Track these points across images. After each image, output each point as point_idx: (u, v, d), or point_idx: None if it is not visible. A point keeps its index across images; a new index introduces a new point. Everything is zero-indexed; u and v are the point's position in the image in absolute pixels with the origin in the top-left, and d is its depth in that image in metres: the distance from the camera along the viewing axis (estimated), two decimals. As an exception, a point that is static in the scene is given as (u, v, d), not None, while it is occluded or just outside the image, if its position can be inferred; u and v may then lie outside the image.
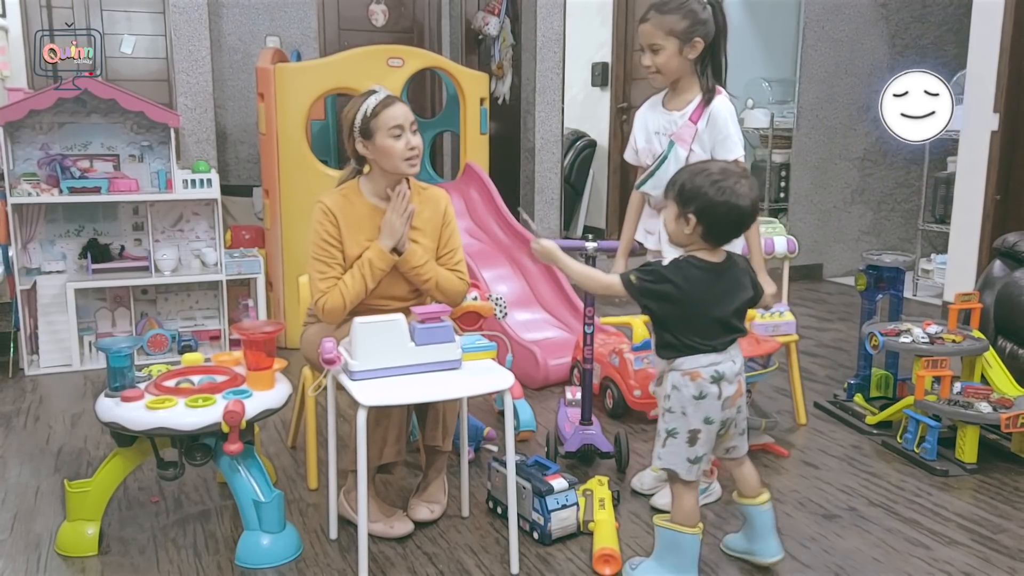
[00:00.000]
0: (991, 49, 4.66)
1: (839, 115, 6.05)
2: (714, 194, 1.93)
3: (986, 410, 2.78)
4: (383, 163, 2.44)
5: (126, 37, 5.19)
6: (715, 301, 2.01)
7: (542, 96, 5.39)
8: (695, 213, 1.95)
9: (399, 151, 2.40)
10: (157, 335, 4.03)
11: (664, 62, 2.34)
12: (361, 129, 2.41)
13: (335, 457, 2.32)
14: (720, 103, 2.37)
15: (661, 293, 1.97)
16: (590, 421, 2.83)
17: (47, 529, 2.42)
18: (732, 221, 1.97)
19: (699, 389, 2.00)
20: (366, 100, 2.42)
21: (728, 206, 1.93)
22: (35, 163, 3.94)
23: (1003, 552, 2.33)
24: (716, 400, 2.01)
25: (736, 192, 1.93)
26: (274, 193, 4.16)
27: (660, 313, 2.01)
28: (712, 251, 2.02)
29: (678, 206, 1.99)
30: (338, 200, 2.48)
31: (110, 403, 2.24)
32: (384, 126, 2.38)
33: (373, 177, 2.50)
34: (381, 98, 2.42)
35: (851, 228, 6.27)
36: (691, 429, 2.02)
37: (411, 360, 2.14)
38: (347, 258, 2.46)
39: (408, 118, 2.41)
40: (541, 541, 2.33)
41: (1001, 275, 3.43)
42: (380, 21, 6.28)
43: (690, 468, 2.04)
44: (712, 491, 2.58)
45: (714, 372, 2.00)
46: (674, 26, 2.30)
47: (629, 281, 2.01)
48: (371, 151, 2.43)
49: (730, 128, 2.36)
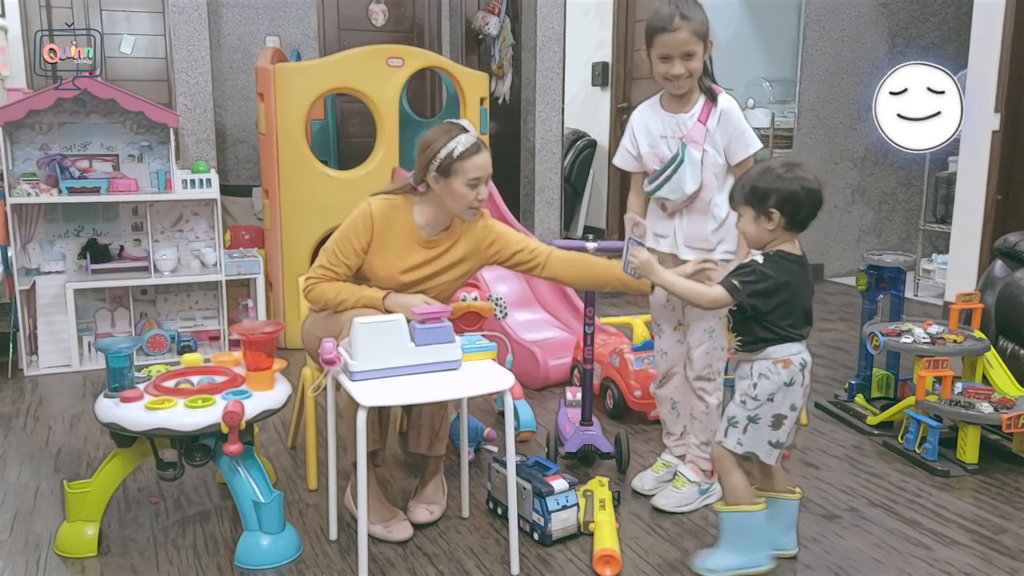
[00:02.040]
0: (992, 48, 4.65)
1: (840, 115, 6.04)
2: (789, 184, 2.04)
3: (987, 410, 2.78)
4: (448, 203, 2.40)
5: (126, 37, 5.19)
6: (805, 292, 2.12)
7: (542, 96, 5.39)
8: (776, 206, 2.04)
9: (469, 200, 2.38)
10: (156, 335, 4.03)
11: (697, 65, 2.33)
12: (441, 167, 2.35)
13: (335, 457, 2.31)
14: (728, 100, 2.39)
15: (766, 290, 2.06)
16: (590, 421, 2.83)
17: (47, 530, 2.42)
18: (811, 204, 2.06)
19: (790, 376, 2.10)
20: (456, 138, 2.35)
21: (805, 191, 2.04)
22: (34, 163, 3.94)
23: (1004, 552, 2.32)
24: (801, 387, 2.12)
25: (806, 178, 2.05)
26: (274, 193, 4.15)
27: (764, 308, 2.07)
28: (793, 244, 2.11)
29: (755, 207, 2.08)
30: (386, 209, 2.43)
31: (109, 404, 2.24)
32: (465, 173, 2.34)
33: (428, 204, 2.45)
34: (471, 143, 2.36)
35: (852, 228, 6.27)
36: (776, 414, 2.11)
37: (411, 360, 2.13)
38: (366, 264, 2.44)
39: (488, 171, 2.39)
40: (541, 542, 2.33)
41: (1002, 275, 3.43)
42: (380, 21, 6.28)
43: (771, 452, 2.14)
44: (716, 491, 2.58)
45: (802, 360, 2.11)
46: (700, 28, 2.30)
47: (735, 287, 2.08)
48: (441, 188, 2.39)
49: (744, 123, 2.38)
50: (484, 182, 2.39)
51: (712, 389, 2.51)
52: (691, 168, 2.36)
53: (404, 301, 2.34)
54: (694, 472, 2.56)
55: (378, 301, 2.37)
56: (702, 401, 2.52)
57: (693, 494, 2.54)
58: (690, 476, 2.55)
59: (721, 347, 2.48)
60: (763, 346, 2.10)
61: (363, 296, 2.38)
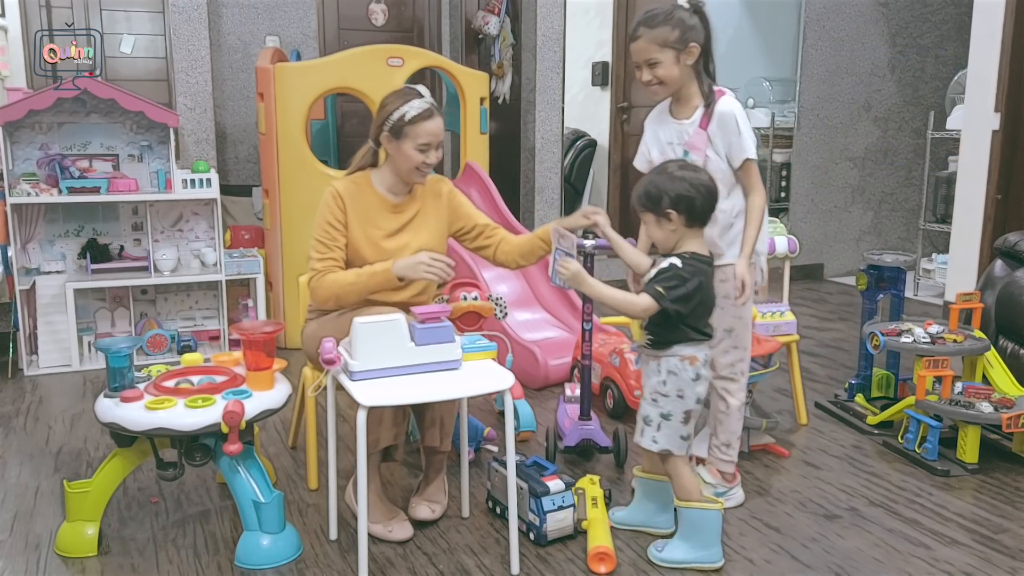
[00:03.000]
0: (992, 48, 4.65)
1: (840, 114, 6.04)
2: (680, 183, 2.13)
3: (987, 410, 2.78)
4: (398, 164, 2.49)
5: (126, 37, 5.19)
6: (711, 292, 2.21)
7: (542, 96, 5.39)
8: (672, 206, 2.12)
9: (416, 162, 2.45)
10: (156, 335, 4.03)
11: (665, 73, 2.33)
12: (393, 128, 2.44)
13: (335, 457, 2.31)
14: (726, 103, 2.36)
15: (687, 295, 2.11)
16: (589, 417, 2.84)
17: (47, 529, 2.42)
18: (705, 199, 2.14)
19: (696, 372, 2.17)
20: (409, 103, 2.43)
21: (695, 186, 2.13)
22: (34, 163, 3.94)
23: (1004, 552, 2.32)
24: (705, 382, 2.21)
25: (697, 174, 2.16)
26: (274, 193, 4.15)
27: (685, 312, 2.12)
28: (701, 243, 2.19)
29: (654, 212, 2.16)
30: (349, 187, 2.52)
31: (109, 403, 2.24)
32: (416, 137, 2.42)
33: (385, 171, 2.55)
34: (424, 108, 2.43)
35: (852, 228, 6.27)
36: (686, 410, 2.19)
37: (411, 360, 2.13)
38: (350, 243, 2.49)
39: (439, 137, 2.46)
40: (537, 542, 2.33)
41: (1002, 275, 3.43)
42: (380, 21, 6.27)
43: (682, 445, 2.21)
44: (734, 496, 2.56)
45: (705, 355, 2.19)
46: (667, 37, 2.30)
47: (660, 294, 2.11)
48: (393, 150, 2.48)
49: (740, 127, 2.35)
50: (435, 147, 2.46)
51: (736, 389, 2.51)
52: None
53: (408, 262, 2.39)
54: (712, 474, 2.55)
55: (387, 271, 2.41)
56: (723, 401, 2.52)
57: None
58: (707, 478, 2.54)
59: (743, 346, 2.48)
60: (671, 344, 2.16)
61: (373, 272, 2.42)
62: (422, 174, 2.50)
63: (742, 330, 2.47)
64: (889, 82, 6.15)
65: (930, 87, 6.24)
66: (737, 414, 2.51)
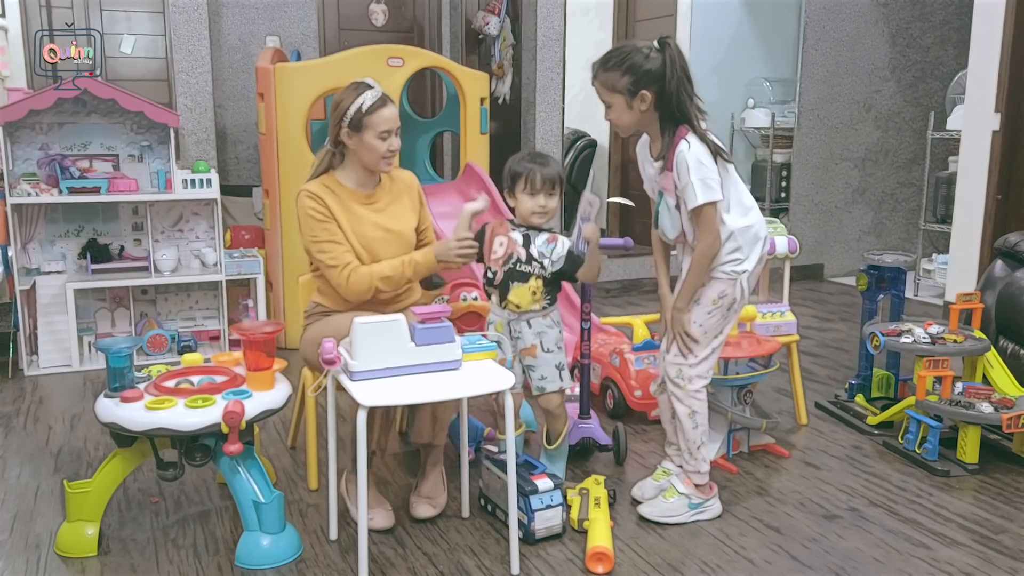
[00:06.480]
0: (992, 49, 4.65)
1: (840, 115, 6.04)
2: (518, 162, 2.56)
3: (987, 410, 2.78)
4: (363, 157, 2.52)
5: (126, 37, 5.19)
6: None
7: (542, 96, 5.38)
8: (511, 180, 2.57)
9: (381, 151, 2.50)
10: (157, 335, 4.03)
11: (616, 118, 2.31)
12: (352, 122, 2.47)
13: (335, 457, 2.31)
14: (680, 150, 2.24)
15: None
16: (588, 415, 2.83)
17: (47, 530, 2.42)
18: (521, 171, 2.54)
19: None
20: (362, 94, 2.48)
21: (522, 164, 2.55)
22: (35, 163, 3.94)
23: (1004, 552, 2.32)
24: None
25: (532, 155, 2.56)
26: (274, 193, 4.15)
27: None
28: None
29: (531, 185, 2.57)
30: (320, 189, 2.55)
31: (110, 403, 2.24)
32: (375, 126, 2.47)
33: (348, 168, 2.59)
34: (377, 97, 2.49)
35: (852, 228, 6.27)
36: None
37: (411, 360, 2.13)
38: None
39: (396, 123, 2.52)
40: (525, 540, 2.32)
41: (1002, 275, 3.43)
42: (380, 21, 6.27)
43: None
44: (710, 508, 2.50)
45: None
46: (616, 83, 2.24)
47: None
48: (355, 144, 2.51)
49: (689, 176, 2.22)
50: (394, 134, 2.51)
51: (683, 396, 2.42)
52: (667, 213, 2.38)
53: (440, 248, 2.50)
54: (684, 484, 2.47)
55: (428, 256, 2.51)
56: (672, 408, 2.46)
57: (681, 506, 2.45)
58: (679, 487, 2.47)
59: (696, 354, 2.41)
60: (554, 301, 2.53)
61: (415, 262, 2.52)
62: (388, 162, 2.55)
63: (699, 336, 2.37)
64: (889, 82, 6.15)
65: (930, 87, 6.24)
66: (687, 422, 2.41)
